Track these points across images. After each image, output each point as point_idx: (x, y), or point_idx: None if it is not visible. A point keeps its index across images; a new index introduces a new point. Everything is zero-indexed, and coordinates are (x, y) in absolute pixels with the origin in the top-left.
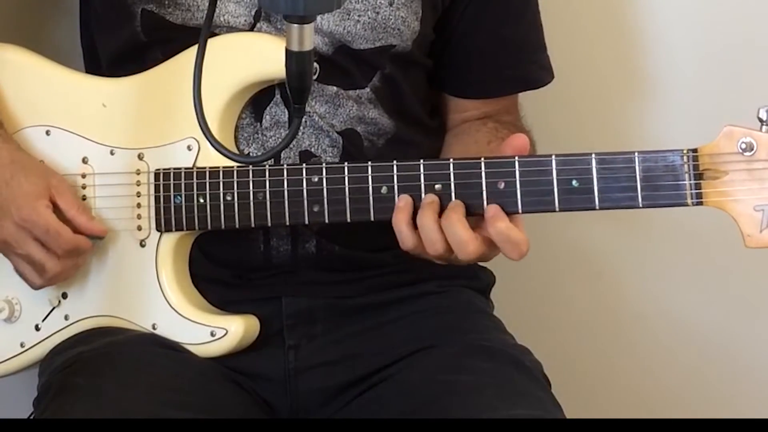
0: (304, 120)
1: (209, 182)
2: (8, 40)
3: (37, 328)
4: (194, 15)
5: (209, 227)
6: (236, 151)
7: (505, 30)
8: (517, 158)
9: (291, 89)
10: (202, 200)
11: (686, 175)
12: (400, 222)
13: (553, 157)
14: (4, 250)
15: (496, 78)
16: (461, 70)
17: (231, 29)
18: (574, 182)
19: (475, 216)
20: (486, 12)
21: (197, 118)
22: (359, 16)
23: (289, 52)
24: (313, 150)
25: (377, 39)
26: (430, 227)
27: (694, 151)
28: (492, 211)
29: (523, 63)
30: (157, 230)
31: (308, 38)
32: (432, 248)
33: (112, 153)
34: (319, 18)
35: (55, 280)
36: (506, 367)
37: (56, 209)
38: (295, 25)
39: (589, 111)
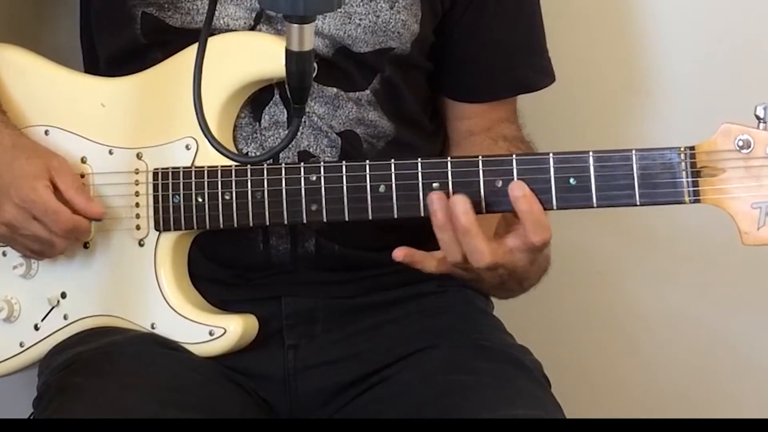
0: (303, 120)
1: (207, 181)
2: (8, 40)
3: (36, 328)
4: (194, 18)
5: (208, 227)
6: (235, 151)
7: (499, 34)
8: (514, 156)
9: (291, 89)
10: (200, 199)
11: (683, 173)
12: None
13: (551, 155)
14: (9, 236)
15: (490, 82)
16: (458, 73)
17: (230, 32)
18: (571, 180)
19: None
20: (482, 16)
21: (197, 118)
22: (360, 19)
23: (289, 52)
24: (311, 150)
25: (377, 42)
26: (449, 242)
27: (692, 148)
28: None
29: (516, 67)
30: (156, 230)
31: (308, 38)
32: (452, 258)
33: (110, 152)
34: (320, 21)
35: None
36: (506, 367)
37: (56, 191)
38: (295, 25)
39: (587, 110)
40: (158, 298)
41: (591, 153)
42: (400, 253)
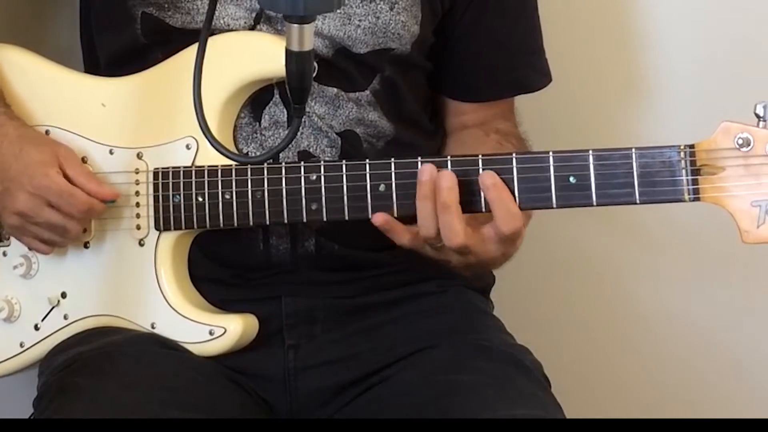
0: (303, 120)
1: (208, 181)
2: (8, 40)
3: (36, 328)
4: (194, 18)
5: (208, 226)
6: (235, 151)
7: (500, 34)
8: (514, 155)
9: (291, 89)
10: (200, 199)
11: (683, 171)
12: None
13: (551, 153)
14: (20, 226)
15: (492, 82)
16: (458, 73)
17: (230, 32)
18: (571, 179)
19: (472, 213)
20: (483, 17)
21: (197, 118)
22: (360, 20)
23: (289, 52)
24: (311, 150)
25: (377, 43)
26: (428, 215)
27: (691, 146)
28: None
29: (518, 67)
30: (156, 229)
31: (308, 38)
32: (425, 232)
33: (111, 152)
34: (320, 22)
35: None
36: (506, 367)
37: (66, 178)
38: (295, 25)
39: (587, 109)
40: (158, 297)
41: (591, 151)
42: (380, 218)
